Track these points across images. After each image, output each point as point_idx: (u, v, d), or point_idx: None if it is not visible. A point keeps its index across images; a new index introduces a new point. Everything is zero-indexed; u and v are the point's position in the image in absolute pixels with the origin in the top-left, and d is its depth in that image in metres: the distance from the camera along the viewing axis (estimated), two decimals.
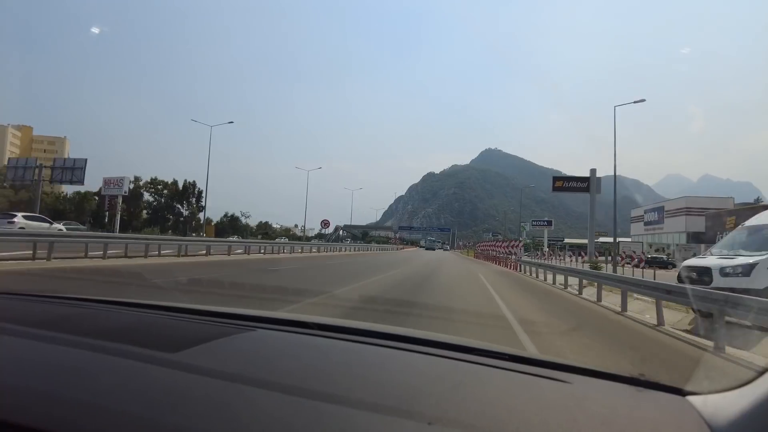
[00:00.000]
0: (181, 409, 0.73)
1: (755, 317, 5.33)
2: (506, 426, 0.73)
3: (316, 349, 1.16)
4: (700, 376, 1.13)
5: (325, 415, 0.72)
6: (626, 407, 0.88)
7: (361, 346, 1.19)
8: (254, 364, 1.00)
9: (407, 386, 0.90)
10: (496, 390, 0.94)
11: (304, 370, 0.97)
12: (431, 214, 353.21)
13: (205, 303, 1.71)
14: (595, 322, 8.48)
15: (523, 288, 14.92)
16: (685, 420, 0.77)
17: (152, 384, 0.83)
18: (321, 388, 0.83)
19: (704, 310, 6.64)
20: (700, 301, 6.48)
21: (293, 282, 11.73)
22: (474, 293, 11.77)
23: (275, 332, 1.29)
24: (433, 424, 0.69)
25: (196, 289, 8.66)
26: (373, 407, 0.74)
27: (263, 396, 0.79)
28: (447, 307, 8.15)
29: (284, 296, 7.78)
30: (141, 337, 1.12)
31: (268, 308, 3.34)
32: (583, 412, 0.84)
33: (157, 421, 0.68)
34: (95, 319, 1.34)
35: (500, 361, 1.09)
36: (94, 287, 8.22)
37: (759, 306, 5.30)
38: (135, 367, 0.89)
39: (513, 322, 6.96)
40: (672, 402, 0.87)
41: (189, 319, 1.38)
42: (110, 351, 0.96)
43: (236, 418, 0.70)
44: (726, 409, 0.71)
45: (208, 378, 0.85)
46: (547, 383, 0.96)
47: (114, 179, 45.86)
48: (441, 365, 1.07)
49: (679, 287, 7.56)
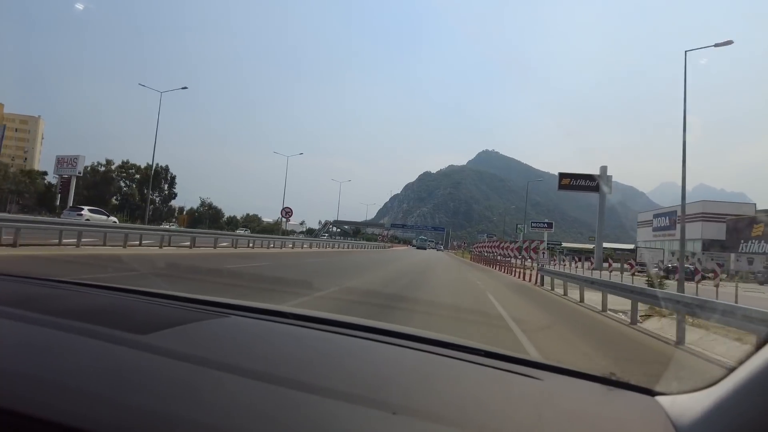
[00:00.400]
0: (145, 390, 0.72)
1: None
2: (472, 418, 0.73)
3: (289, 337, 1.16)
4: (670, 377, 1.21)
5: (290, 401, 0.72)
6: (594, 405, 0.89)
7: (335, 336, 1.18)
8: (225, 349, 1.00)
9: (377, 376, 0.91)
10: (465, 383, 0.95)
11: (274, 357, 0.98)
12: (426, 214, 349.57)
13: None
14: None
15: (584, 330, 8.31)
16: (651, 419, 0.78)
17: (118, 364, 0.82)
18: (289, 375, 0.83)
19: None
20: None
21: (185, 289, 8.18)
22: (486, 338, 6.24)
23: (249, 320, 1.28)
24: (398, 413, 0.70)
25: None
26: (340, 395, 0.75)
27: (230, 380, 0.78)
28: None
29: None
30: (111, 318, 1.10)
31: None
32: (550, 407, 0.85)
33: (118, 400, 0.67)
34: (66, 300, 1.32)
35: (473, 356, 1.09)
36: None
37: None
38: (101, 346, 0.88)
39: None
40: (640, 401, 0.89)
41: (164, 304, 1.38)
42: (77, 330, 0.95)
43: (200, 400, 0.70)
44: (691, 409, 0.72)
45: (175, 360, 0.84)
46: (518, 378, 0.97)
47: (68, 158, 40.96)
48: (412, 357, 1.07)
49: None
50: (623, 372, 1.11)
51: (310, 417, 0.68)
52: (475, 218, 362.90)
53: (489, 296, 11.58)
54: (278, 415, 0.68)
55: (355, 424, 0.67)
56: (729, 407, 0.63)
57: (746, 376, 0.63)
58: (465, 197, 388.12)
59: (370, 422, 0.68)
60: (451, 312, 8.07)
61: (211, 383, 0.77)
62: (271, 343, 1.11)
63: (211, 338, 1.07)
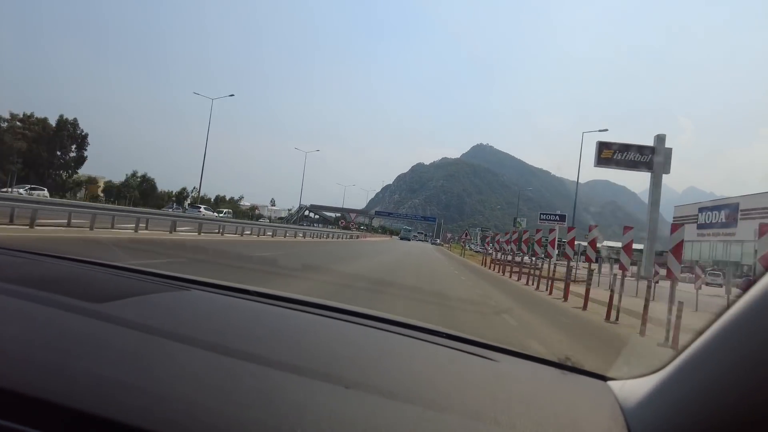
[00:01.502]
0: (93, 356, 0.71)
1: None
2: (424, 395, 0.75)
3: (248, 312, 1.16)
4: (621, 363, 1.33)
5: (241, 373, 0.73)
6: (547, 388, 0.92)
7: (294, 313, 1.18)
8: (181, 321, 1.00)
9: (333, 352, 0.92)
10: (420, 361, 0.97)
11: (230, 330, 0.97)
12: (417, 206, 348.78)
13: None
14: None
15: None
16: (601, 402, 0.82)
17: (67, 331, 0.81)
18: (244, 348, 0.83)
19: None
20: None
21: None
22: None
23: (210, 294, 1.26)
24: (351, 388, 0.71)
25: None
26: (293, 368, 0.75)
27: (183, 351, 0.78)
28: None
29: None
30: (67, 287, 1.07)
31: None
32: (504, 388, 0.88)
33: (63, 366, 0.67)
34: (20, 267, 1.28)
35: (432, 336, 1.11)
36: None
37: None
38: (52, 313, 0.87)
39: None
40: (592, 385, 0.93)
41: (125, 275, 1.35)
42: (27, 296, 0.93)
43: (149, 369, 0.70)
44: (638, 392, 0.75)
45: (128, 329, 0.84)
46: (474, 359, 0.99)
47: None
48: (370, 335, 1.08)
49: None
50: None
51: (260, 388, 0.68)
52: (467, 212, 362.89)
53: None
54: (227, 386, 0.67)
55: (306, 396, 0.67)
56: (671, 390, 0.67)
57: (687, 362, 0.66)
58: (457, 190, 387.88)
59: (321, 395, 0.69)
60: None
61: (162, 353, 0.76)
62: (229, 317, 1.08)
63: (168, 310, 1.06)
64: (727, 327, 0.61)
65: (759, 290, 0.59)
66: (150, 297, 1.10)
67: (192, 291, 1.24)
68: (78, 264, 1.46)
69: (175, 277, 1.40)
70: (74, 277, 1.26)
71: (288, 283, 8.11)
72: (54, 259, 1.48)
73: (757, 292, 0.59)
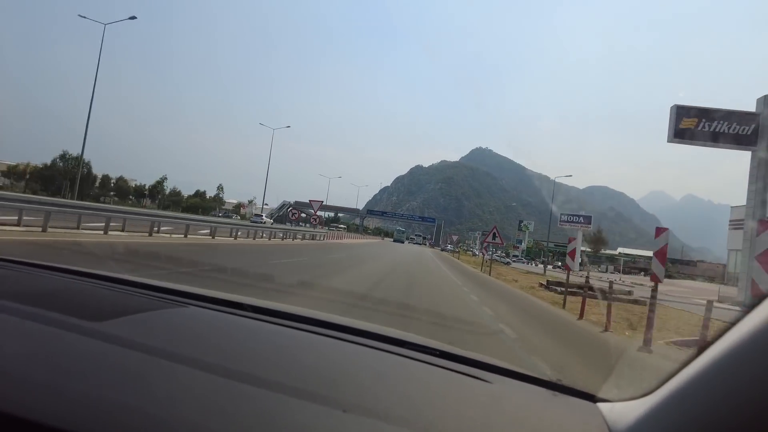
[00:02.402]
0: (91, 378, 0.70)
1: None
2: (420, 417, 0.76)
3: (246, 330, 1.16)
4: (611, 385, 1.15)
5: (240, 394, 0.73)
6: (539, 409, 0.94)
7: (292, 331, 1.18)
8: (179, 340, 1.00)
9: (330, 373, 0.93)
10: (417, 383, 0.98)
11: (229, 349, 0.98)
12: (415, 208, 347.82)
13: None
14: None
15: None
16: (590, 424, 0.83)
17: (65, 351, 0.80)
18: (242, 368, 0.83)
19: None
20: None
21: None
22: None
23: (207, 311, 1.27)
24: (348, 411, 0.71)
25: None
26: (290, 391, 0.75)
27: (181, 371, 0.78)
28: None
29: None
30: (63, 304, 1.07)
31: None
32: (497, 410, 0.90)
33: (62, 388, 0.66)
34: (14, 282, 1.27)
35: (427, 356, 1.13)
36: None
37: None
38: (50, 332, 0.86)
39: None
40: (582, 407, 0.94)
41: (120, 290, 1.36)
42: (24, 315, 0.91)
43: (148, 390, 0.69)
44: (627, 416, 0.75)
45: (126, 349, 0.83)
46: (469, 381, 1.01)
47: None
48: (367, 355, 1.10)
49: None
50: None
51: (259, 411, 0.68)
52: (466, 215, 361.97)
53: None
54: (226, 408, 0.67)
55: (303, 420, 0.67)
56: (661, 415, 0.67)
57: (678, 386, 0.66)
58: (456, 193, 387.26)
59: (318, 419, 0.69)
60: None
61: (161, 373, 0.76)
62: (227, 335, 1.10)
63: (167, 328, 1.06)
64: (725, 351, 0.59)
65: (761, 314, 0.56)
66: (148, 315, 1.10)
67: (189, 308, 1.24)
68: (74, 277, 1.45)
69: (172, 290, 1.40)
70: (71, 292, 1.25)
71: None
72: (50, 272, 1.47)
73: (758, 316, 0.57)
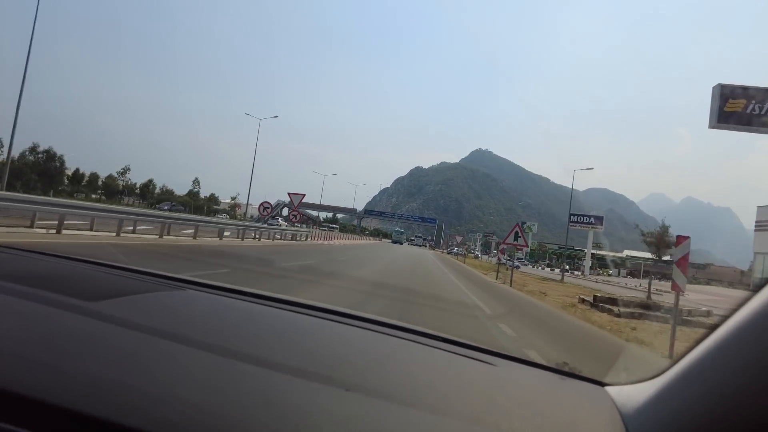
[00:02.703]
0: (88, 357, 0.69)
1: None
2: (423, 398, 0.75)
3: (246, 313, 1.15)
4: (619, 368, 1.25)
5: (241, 374, 0.72)
6: (546, 392, 0.93)
7: (293, 315, 1.18)
8: (177, 321, 0.99)
9: (333, 355, 0.92)
10: (420, 365, 0.97)
11: (228, 331, 0.96)
12: (415, 209, 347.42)
13: None
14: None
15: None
16: (599, 407, 0.83)
17: (63, 330, 0.79)
18: (243, 350, 0.82)
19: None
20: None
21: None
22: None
23: (207, 294, 1.27)
24: (351, 390, 0.71)
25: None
26: (292, 371, 0.75)
27: (180, 351, 0.77)
28: None
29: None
30: (61, 284, 1.06)
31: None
32: (503, 392, 0.89)
33: (59, 366, 0.65)
34: (11, 264, 1.27)
35: (430, 340, 1.12)
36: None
37: None
38: (47, 311, 0.85)
39: None
40: (590, 390, 0.93)
41: (119, 274, 1.34)
42: (19, 293, 0.91)
43: (147, 369, 0.68)
44: (636, 398, 0.76)
45: (124, 328, 0.82)
46: (473, 363, 1.00)
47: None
48: (370, 338, 1.09)
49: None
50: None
51: (261, 390, 0.68)
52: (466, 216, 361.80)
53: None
54: (227, 387, 0.66)
55: (306, 398, 0.67)
56: (670, 396, 0.68)
57: (686, 368, 0.66)
58: (456, 195, 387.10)
59: (321, 397, 0.69)
60: None
61: (160, 353, 0.75)
62: (227, 317, 1.08)
63: (164, 309, 1.04)
64: (730, 334, 0.60)
65: (763, 298, 0.57)
66: (146, 296, 1.08)
67: (187, 291, 1.23)
68: (73, 262, 1.44)
69: (171, 277, 1.39)
70: (69, 275, 1.23)
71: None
72: (49, 257, 1.45)
73: (760, 300, 0.57)
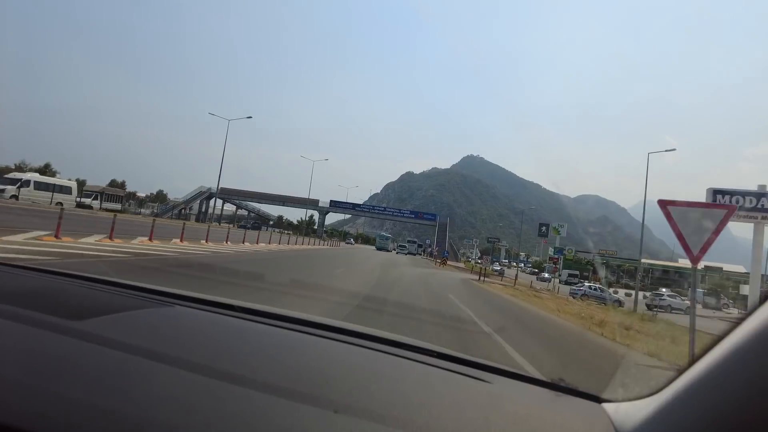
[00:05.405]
0: (66, 379, 0.67)
1: None
2: (416, 418, 0.72)
3: (233, 329, 1.12)
4: (616, 385, 1.14)
5: (226, 395, 0.69)
6: (541, 409, 0.91)
7: (281, 331, 1.14)
8: (163, 338, 0.96)
9: (321, 373, 0.88)
10: (412, 383, 0.94)
11: (214, 349, 0.94)
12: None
13: None
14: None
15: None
16: (595, 425, 0.81)
17: (40, 350, 0.77)
18: (229, 369, 0.80)
19: None
20: None
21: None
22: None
23: (194, 310, 1.22)
24: (340, 412, 0.68)
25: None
26: (280, 391, 0.72)
27: (162, 371, 0.75)
28: None
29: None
30: (41, 302, 1.03)
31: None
32: (497, 410, 0.86)
33: (35, 389, 0.63)
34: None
35: (424, 356, 1.09)
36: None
37: None
38: (24, 331, 0.83)
39: None
40: (586, 407, 0.91)
41: (104, 290, 1.30)
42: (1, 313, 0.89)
43: (128, 391, 0.66)
44: (634, 416, 0.74)
45: (105, 348, 0.80)
46: (467, 381, 0.97)
47: None
48: (360, 355, 1.06)
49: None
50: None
51: (245, 412, 0.65)
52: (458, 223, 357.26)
53: None
54: (210, 409, 0.64)
55: (292, 421, 0.64)
56: (668, 415, 0.66)
57: (684, 386, 0.65)
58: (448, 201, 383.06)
59: (309, 420, 0.66)
60: None
61: (141, 373, 0.73)
62: (213, 335, 1.05)
63: (151, 327, 1.02)
64: (731, 351, 0.58)
65: (764, 313, 0.56)
66: (131, 314, 1.05)
67: (175, 307, 1.19)
68: (55, 277, 1.37)
69: (158, 291, 1.33)
70: (50, 291, 1.19)
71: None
72: (29, 272, 1.40)
73: (762, 315, 0.56)
